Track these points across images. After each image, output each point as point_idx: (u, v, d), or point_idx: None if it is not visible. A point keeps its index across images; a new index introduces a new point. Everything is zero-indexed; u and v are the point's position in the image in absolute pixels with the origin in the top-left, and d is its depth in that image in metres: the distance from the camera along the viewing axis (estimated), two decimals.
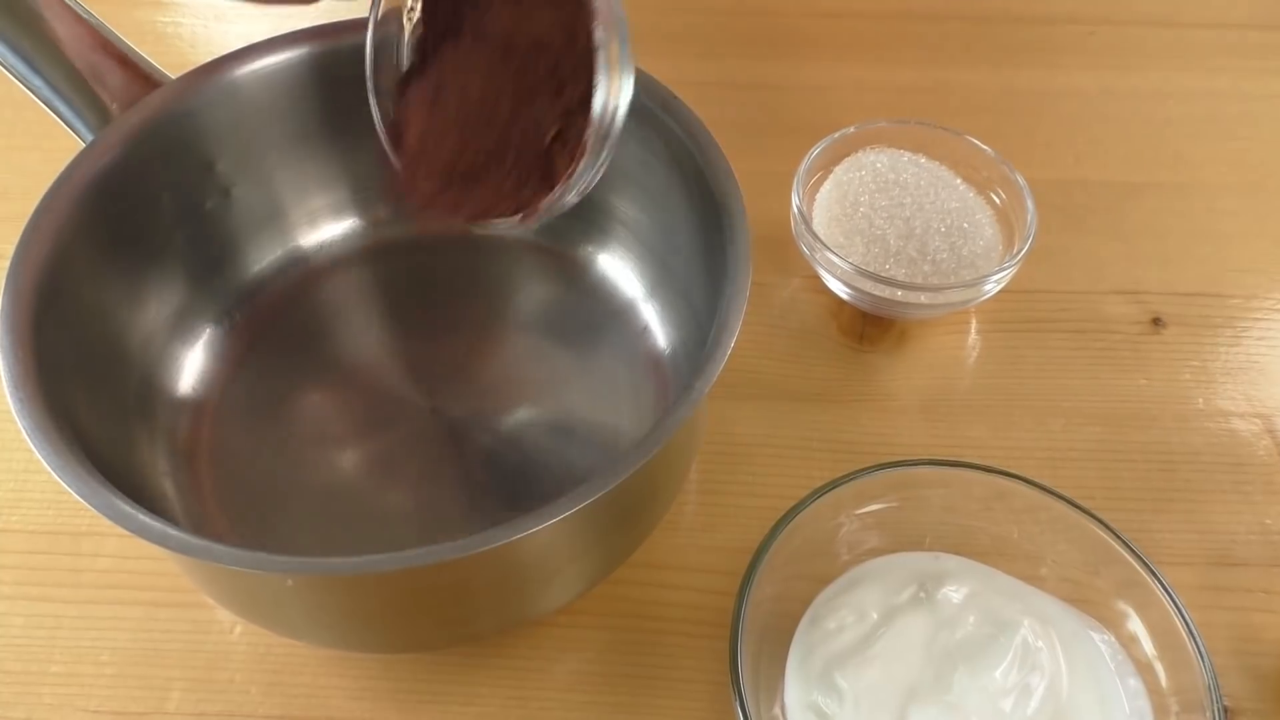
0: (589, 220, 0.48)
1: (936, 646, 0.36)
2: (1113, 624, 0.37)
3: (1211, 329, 0.50)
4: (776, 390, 0.48)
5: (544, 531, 0.30)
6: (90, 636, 0.41)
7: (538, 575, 0.35)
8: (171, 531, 0.30)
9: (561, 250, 0.48)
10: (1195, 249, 0.54)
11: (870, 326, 0.50)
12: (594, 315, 0.47)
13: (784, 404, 0.47)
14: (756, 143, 0.57)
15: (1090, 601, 0.38)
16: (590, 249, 0.48)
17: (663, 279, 0.46)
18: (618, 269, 0.48)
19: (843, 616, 0.37)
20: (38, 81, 0.40)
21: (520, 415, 0.43)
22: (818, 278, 0.50)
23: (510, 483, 0.41)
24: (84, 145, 0.40)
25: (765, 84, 0.62)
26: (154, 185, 0.42)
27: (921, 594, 0.37)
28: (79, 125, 0.40)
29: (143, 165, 0.41)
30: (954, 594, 0.37)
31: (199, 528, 0.39)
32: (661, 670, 0.40)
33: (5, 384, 0.33)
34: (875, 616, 0.37)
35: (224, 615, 0.41)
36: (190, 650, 0.40)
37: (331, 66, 0.44)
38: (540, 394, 0.44)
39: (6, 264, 0.36)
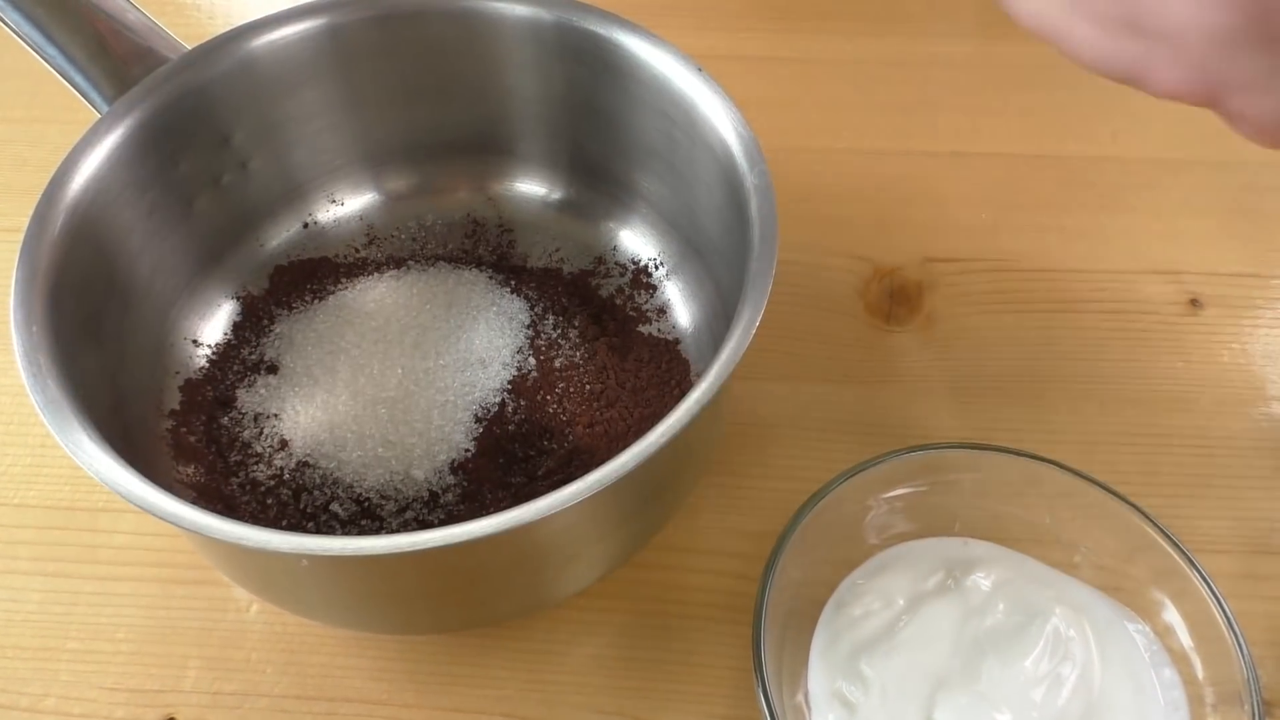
0: (611, 195, 0.47)
1: (965, 635, 0.35)
2: (1148, 613, 0.36)
3: (1252, 310, 0.49)
4: (801, 371, 0.47)
5: (564, 514, 0.30)
6: (107, 613, 0.40)
7: (558, 559, 0.34)
8: (185, 511, 0.30)
9: (583, 225, 0.48)
10: (1235, 228, 0.52)
11: (898, 306, 0.49)
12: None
13: (809, 385, 0.46)
14: (782, 116, 0.56)
15: (1125, 590, 0.37)
16: (612, 224, 0.47)
17: (686, 256, 0.45)
18: (640, 245, 0.47)
19: (869, 603, 0.36)
20: (52, 51, 0.39)
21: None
22: (844, 254, 0.49)
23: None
24: (99, 117, 0.39)
25: (793, 57, 0.61)
26: (170, 158, 0.41)
27: (950, 581, 0.36)
28: (94, 96, 0.40)
29: (159, 138, 0.40)
30: (984, 581, 0.36)
31: (213, 503, 0.39)
32: (682, 655, 0.39)
33: (19, 358, 0.33)
34: (902, 603, 0.36)
35: (241, 593, 0.41)
36: (207, 628, 0.40)
37: (349, 38, 0.43)
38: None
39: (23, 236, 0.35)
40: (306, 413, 0.41)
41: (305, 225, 0.47)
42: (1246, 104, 0.26)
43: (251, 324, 0.45)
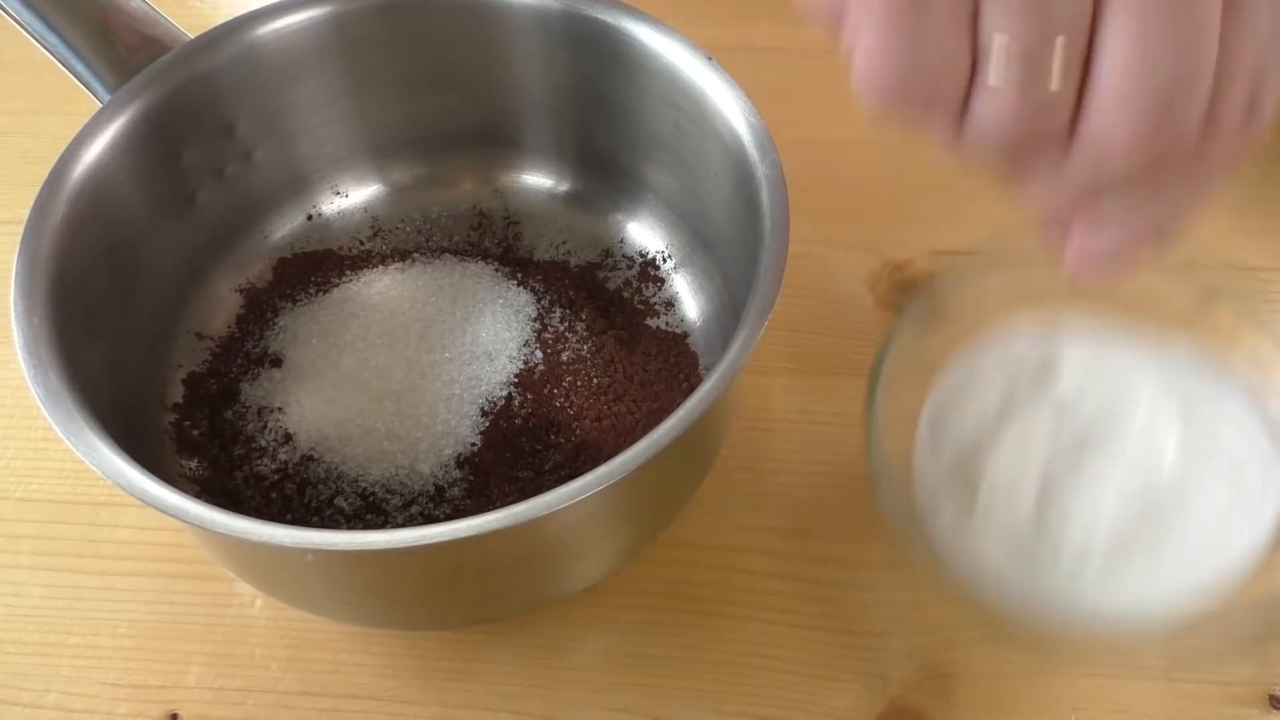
0: (619, 187, 0.46)
1: (1063, 433, 0.36)
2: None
3: (1269, 304, 0.48)
4: (811, 364, 0.46)
5: (572, 509, 0.29)
6: (109, 608, 0.40)
7: (565, 554, 0.34)
8: (189, 505, 0.30)
9: (590, 217, 0.47)
10: (1250, 222, 0.51)
11: (908, 299, 0.48)
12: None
13: (819, 378, 0.46)
14: (791, 108, 0.55)
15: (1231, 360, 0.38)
16: (620, 217, 0.47)
17: (695, 248, 0.45)
18: (648, 237, 0.46)
19: (963, 416, 0.37)
20: (53, 39, 0.39)
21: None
22: (853, 246, 0.48)
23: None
24: (101, 106, 0.39)
25: (803, 48, 0.60)
26: (173, 149, 0.41)
27: (1040, 378, 0.37)
28: (95, 85, 0.39)
29: (161, 128, 0.40)
30: (1072, 375, 0.37)
31: (217, 497, 0.39)
32: (691, 651, 0.39)
33: (20, 351, 0.32)
34: (995, 408, 0.37)
35: (244, 588, 0.40)
36: (210, 623, 0.40)
37: (354, 27, 0.43)
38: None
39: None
40: (311, 406, 0.41)
41: (309, 217, 0.47)
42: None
43: (255, 317, 0.44)
